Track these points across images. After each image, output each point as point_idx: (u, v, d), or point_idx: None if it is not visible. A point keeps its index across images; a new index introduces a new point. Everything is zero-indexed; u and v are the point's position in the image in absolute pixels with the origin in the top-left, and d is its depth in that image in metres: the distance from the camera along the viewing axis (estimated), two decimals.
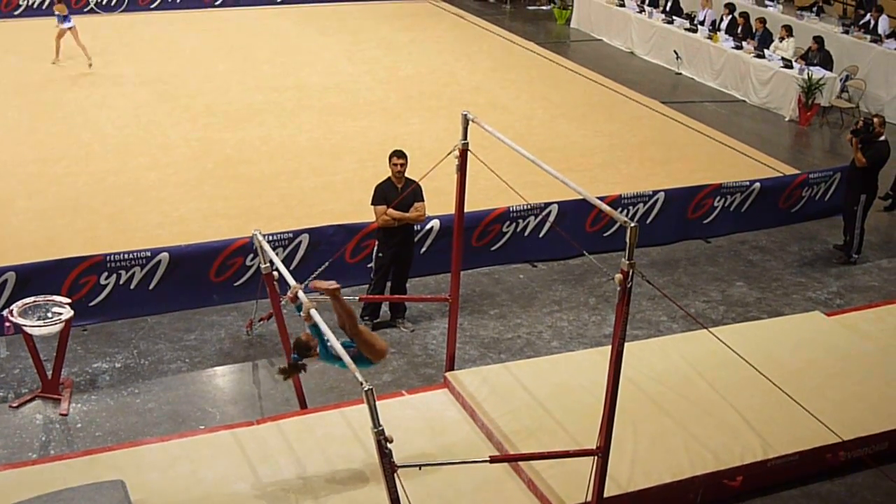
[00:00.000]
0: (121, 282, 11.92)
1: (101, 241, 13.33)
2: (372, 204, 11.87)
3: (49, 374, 10.47)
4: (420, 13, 27.80)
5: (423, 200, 11.86)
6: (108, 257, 11.82)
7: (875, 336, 12.15)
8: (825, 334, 12.06)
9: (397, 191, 11.66)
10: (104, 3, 25.58)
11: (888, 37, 22.17)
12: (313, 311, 8.21)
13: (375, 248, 12.15)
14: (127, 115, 18.40)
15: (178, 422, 10.26)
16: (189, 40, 23.64)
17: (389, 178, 11.89)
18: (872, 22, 22.81)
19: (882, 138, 14.51)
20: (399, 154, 11.86)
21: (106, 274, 11.82)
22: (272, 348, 11.49)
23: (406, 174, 11.76)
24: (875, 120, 14.59)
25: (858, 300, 13.60)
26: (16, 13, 25.23)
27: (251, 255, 12.24)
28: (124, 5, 25.75)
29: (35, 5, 25.33)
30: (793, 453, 9.78)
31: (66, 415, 10.24)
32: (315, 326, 8.24)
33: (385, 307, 12.42)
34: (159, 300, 12.15)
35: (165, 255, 12.04)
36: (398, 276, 12.20)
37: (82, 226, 14.08)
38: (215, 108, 18.98)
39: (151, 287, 12.09)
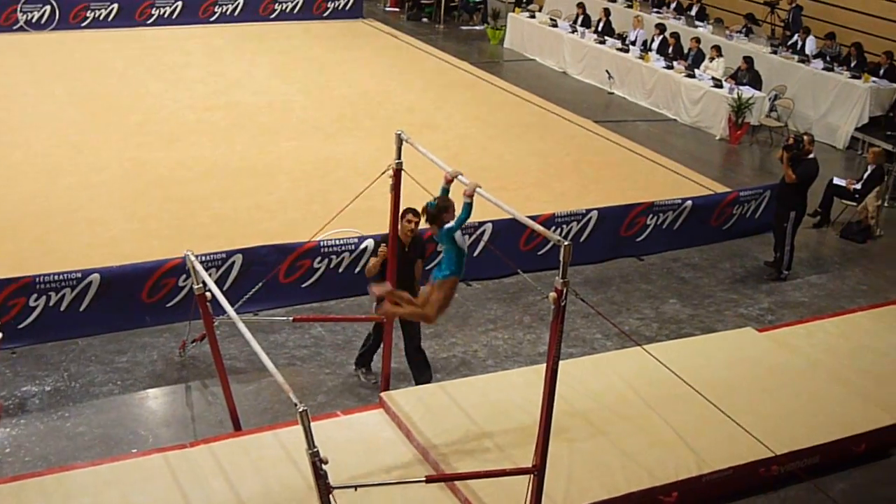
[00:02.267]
0: (51, 303, 11.76)
1: (30, 262, 13.12)
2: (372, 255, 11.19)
3: None
4: (353, 33, 27.77)
5: (424, 258, 11.34)
6: (37, 279, 11.66)
7: (805, 351, 12.30)
8: (757, 350, 12.19)
9: (403, 249, 10.85)
10: (34, 20, 25.26)
11: (815, 57, 22.52)
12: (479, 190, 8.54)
13: (375, 306, 10.90)
14: (57, 135, 18.18)
15: (110, 445, 10.13)
16: (121, 59, 23.40)
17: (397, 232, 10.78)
18: (800, 43, 23.16)
19: (811, 156, 14.74)
20: (414, 212, 10.61)
21: (35, 296, 11.65)
22: (205, 370, 11.39)
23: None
24: (805, 138, 14.83)
25: (789, 316, 13.76)
26: None
27: (184, 276, 12.12)
28: (55, 23, 25.44)
29: None
30: (727, 468, 9.86)
31: None
32: (468, 206, 8.56)
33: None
34: (90, 322, 11.99)
35: (96, 276, 11.90)
36: (408, 336, 11.28)
37: (11, 247, 13.86)
38: (147, 128, 18.82)
39: (82, 308, 11.94)
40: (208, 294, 9.48)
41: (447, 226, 8.82)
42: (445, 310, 9.14)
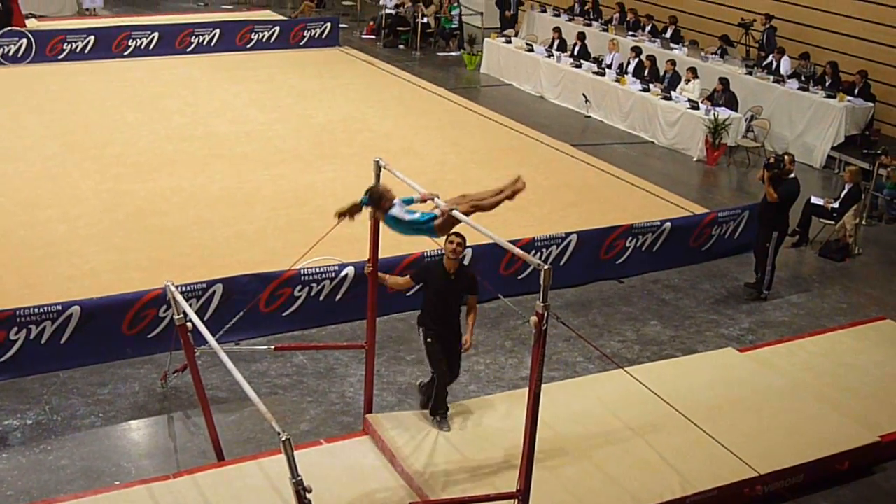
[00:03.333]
0: (31, 337, 11.70)
1: (10, 295, 13.08)
2: (409, 275, 10.85)
3: None
4: (330, 60, 27.84)
5: (477, 294, 10.60)
6: (17, 312, 11.61)
7: (787, 370, 12.35)
8: (738, 370, 12.23)
9: (448, 277, 10.34)
10: (10, 54, 25.24)
11: (790, 77, 22.67)
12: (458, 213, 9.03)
13: (422, 333, 10.64)
14: (35, 168, 18.14)
15: (93, 478, 10.07)
16: (98, 91, 23.40)
17: (441, 261, 10.49)
18: (775, 63, 23.30)
19: (792, 175, 14.80)
20: (458, 233, 10.11)
21: (16, 329, 11.60)
22: (187, 400, 11.35)
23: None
24: (786, 157, 14.88)
25: (770, 335, 13.80)
26: None
27: (164, 307, 12.09)
28: (31, 56, 25.42)
29: None
30: (711, 489, 9.87)
31: None
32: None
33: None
34: (71, 354, 11.94)
35: (77, 308, 11.86)
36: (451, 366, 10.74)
37: None
38: (125, 159, 18.79)
39: (63, 341, 11.89)
40: (189, 324, 9.46)
41: (390, 211, 9.17)
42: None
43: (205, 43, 27.64)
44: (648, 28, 27.10)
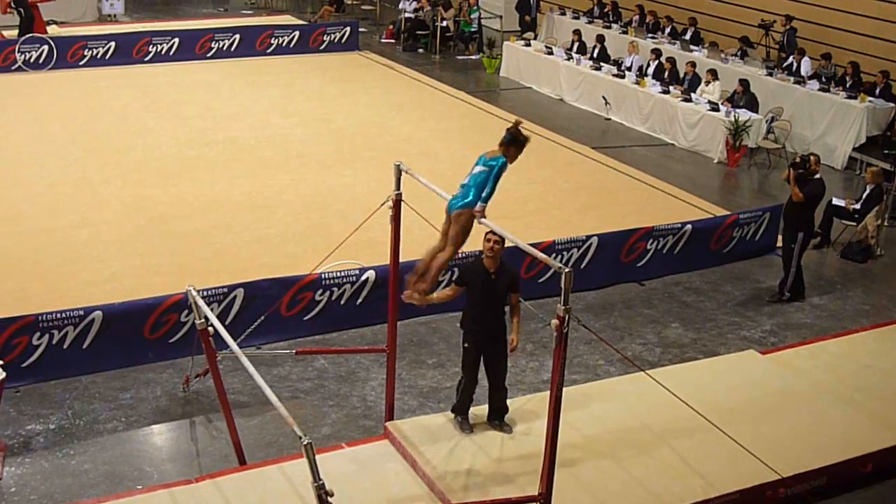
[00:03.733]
0: (54, 342, 11.75)
1: (33, 300, 13.15)
2: (453, 282, 10.72)
3: None
4: (350, 64, 27.89)
5: (519, 292, 10.39)
6: (39, 317, 11.66)
7: (809, 372, 12.30)
8: (760, 372, 12.19)
9: (489, 276, 10.23)
10: (32, 60, 25.36)
11: (811, 78, 22.59)
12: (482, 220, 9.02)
13: (462, 336, 10.60)
14: (57, 174, 18.23)
15: (115, 482, 10.10)
16: (118, 96, 23.51)
17: (480, 259, 10.37)
18: (795, 64, 23.23)
19: (817, 176, 14.72)
20: (494, 232, 9.93)
21: (38, 334, 11.65)
22: (209, 404, 11.38)
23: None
24: (811, 158, 14.80)
25: (792, 337, 13.75)
26: None
27: (186, 311, 12.13)
28: (52, 62, 25.55)
29: None
30: (733, 492, 9.83)
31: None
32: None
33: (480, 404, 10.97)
34: (93, 359, 11.99)
35: (99, 313, 11.91)
36: (494, 373, 10.55)
37: (12, 286, 13.88)
38: (146, 165, 18.87)
39: (85, 346, 11.94)
40: (211, 329, 9.49)
41: (502, 160, 9.18)
42: (463, 243, 9.26)
43: (225, 48, 27.72)
44: (668, 30, 27.03)
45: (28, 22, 26.52)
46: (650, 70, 24.24)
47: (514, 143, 9.16)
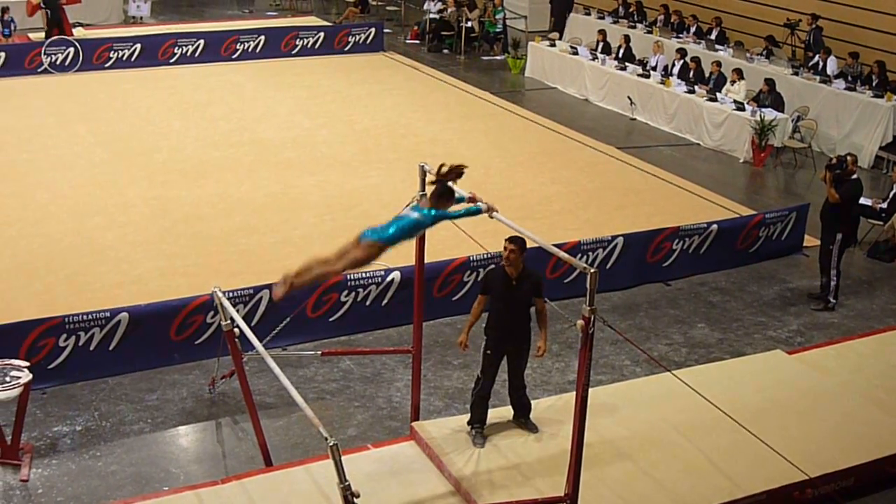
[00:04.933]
0: (80, 343, 11.80)
1: (59, 302, 13.22)
2: (479, 294, 10.52)
3: (9, 439, 10.31)
4: (375, 65, 27.92)
5: (542, 297, 10.25)
6: (66, 319, 11.71)
7: (836, 372, 12.24)
8: (787, 372, 12.13)
9: (510, 282, 10.16)
10: (58, 62, 25.51)
11: (837, 77, 22.47)
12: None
13: (483, 344, 10.47)
14: (83, 175, 18.32)
15: (142, 484, 10.14)
16: (144, 98, 23.61)
17: (502, 266, 10.27)
18: (821, 63, 23.11)
19: (854, 176, 14.62)
20: (511, 239, 9.98)
21: (65, 336, 11.70)
22: (235, 406, 11.40)
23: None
24: (848, 158, 14.69)
25: (819, 337, 13.68)
26: None
27: (212, 313, 12.16)
28: (78, 65, 25.69)
29: None
30: (760, 493, 9.79)
31: (26, 480, 10.09)
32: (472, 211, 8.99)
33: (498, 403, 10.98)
34: (120, 361, 12.03)
35: (125, 314, 11.95)
36: (513, 372, 10.51)
37: (39, 288, 13.96)
38: (172, 166, 18.94)
39: (111, 348, 11.99)
40: (236, 330, 9.51)
41: (432, 216, 8.81)
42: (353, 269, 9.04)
43: (250, 49, 27.81)
44: (693, 29, 26.94)
45: (55, 23, 26.69)
46: (675, 70, 24.17)
47: (445, 194, 9.00)
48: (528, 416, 10.69)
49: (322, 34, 28.87)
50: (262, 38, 27.98)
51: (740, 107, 21.27)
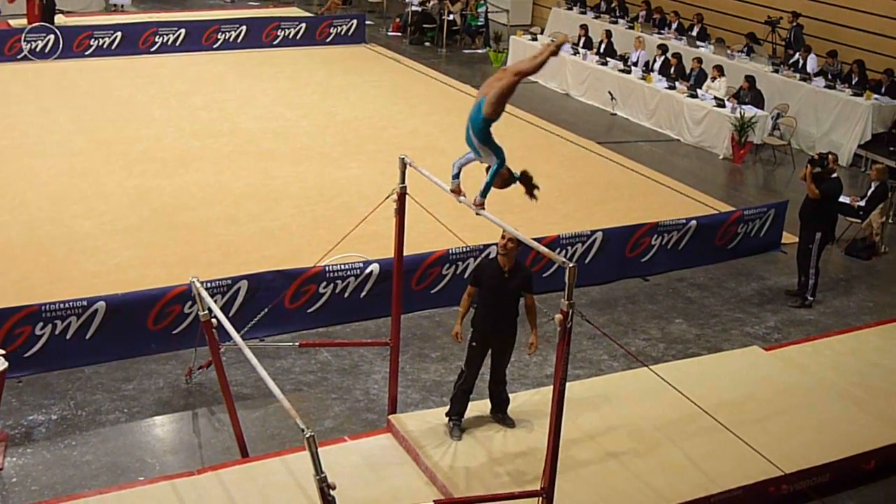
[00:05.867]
0: (56, 332, 11.75)
1: (36, 290, 13.15)
2: (469, 285, 10.44)
3: None
4: (356, 57, 27.87)
5: (532, 292, 10.35)
6: (43, 307, 11.66)
7: (813, 369, 12.29)
8: (764, 369, 12.19)
9: (502, 274, 10.16)
10: (38, 49, 25.36)
11: (816, 75, 22.56)
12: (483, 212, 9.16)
13: (471, 334, 10.39)
14: (62, 164, 18.23)
15: (117, 474, 10.10)
16: (124, 87, 23.49)
17: (494, 259, 10.43)
18: (801, 61, 23.19)
19: (834, 175, 14.67)
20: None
21: (41, 324, 11.65)
22: (212, 396, 11.38)
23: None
24: (829, 156, 14.76)
25: (796, 334, 13.74)
26: None
27: (189, 303, 12.13)
28: (58, 52, 25.54)
29: None
30: (736, 488, 9.83)
31: (0, 469, 10.05)
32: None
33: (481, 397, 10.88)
34: (96, 350, 11.99)
35: (102, 303, 11.90)
36: (496, 366, 10.51)
37: (16, 276, 13.88)
38: (151, 155, 18.86)
39: (88, 336, 11.94)
40: (214, 321, 9.48)
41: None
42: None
43: (231, 39, 27.71)
44: (675, 25, 26.99)
45: (50, 9, 26.59)
46: (656, 66, 24.23)
47: (510, 181, 9.73)
48: (506, 411, 10.70)
49: (304, 25, 28.80)
50: (244, 28, 27.87)
51: (720, 103, 21.34)
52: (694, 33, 26.11)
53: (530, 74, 9.36)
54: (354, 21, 29.57)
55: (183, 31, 27.16)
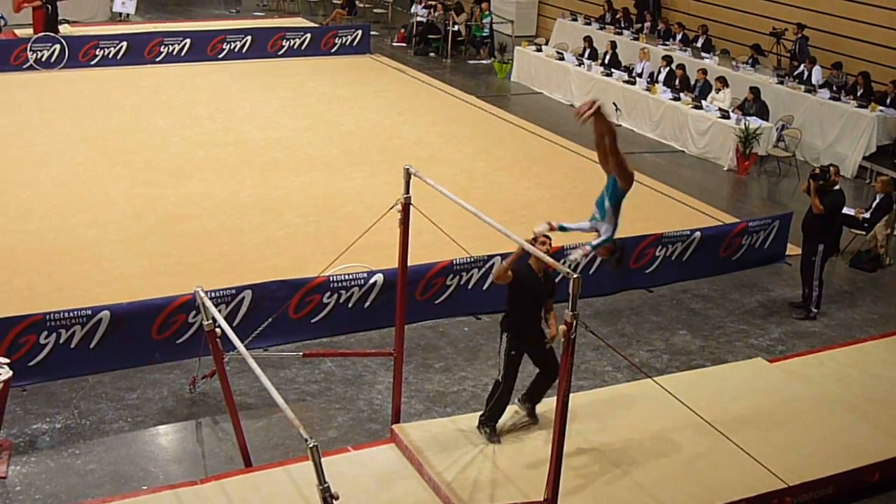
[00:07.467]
0: (61, 341, 11.76)
1: (41, 299, 13.17)
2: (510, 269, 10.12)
3: None
4: (361, 67, 27.91)
5: (554, 297, 10.48)
6: (47, 316, 11.67)
7: (817, 381, 12.28)
8: (768, 380, 12.17)
9: (537, 277, 10.31)
10: (43, 59, 25.41)
11: (822, 87, 22.55)
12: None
13: (505, 345, 10.32)
14: (67, 173, 18.26)
15: (120, 483, 10.10)
16: (130, 97, 23.53)
17: (527, 262, 10.30)
18: (806, 73, 23.20)
19: (837, 187, 14.67)
20: (546, 235, 10.25)
21: (46, 333, 11.66)
22: (215, 406, 11.37)
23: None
24: (831, 169, 14.76)
25: (800, 346, 13.72)
26: None
27: (193, 312, 12.13)
28: (64, 62, 25.60)
29: None
30: (740, 500, 9.81)
31: (4, 477, 10.05)
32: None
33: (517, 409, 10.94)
34: (100, 359, 11.99)
35: (106, 313, 11.91)
36: (551, 367, 10.38)
37: (20, 284, 13.90)
38: (156, 165, 18.88)
39: (92, 346, 11.95)
40: (218, 330, 9.49)
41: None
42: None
43: (236, 50, 27.76)
44: (679, 37, 27.00)
45: (54, 19, 26.65)
46: (661, 77, 24.23)
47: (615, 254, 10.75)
48: (535, 407, 10.81)
49: (309, 35, 28.84)
50: (249, 38, 27.93)
51: (725, 115, 21.33)
52: (699, 44, 26.11)
53: (615, 136, 10.65)
54: (359, 31, 29.61)
55: (188, 41, 27.20)
